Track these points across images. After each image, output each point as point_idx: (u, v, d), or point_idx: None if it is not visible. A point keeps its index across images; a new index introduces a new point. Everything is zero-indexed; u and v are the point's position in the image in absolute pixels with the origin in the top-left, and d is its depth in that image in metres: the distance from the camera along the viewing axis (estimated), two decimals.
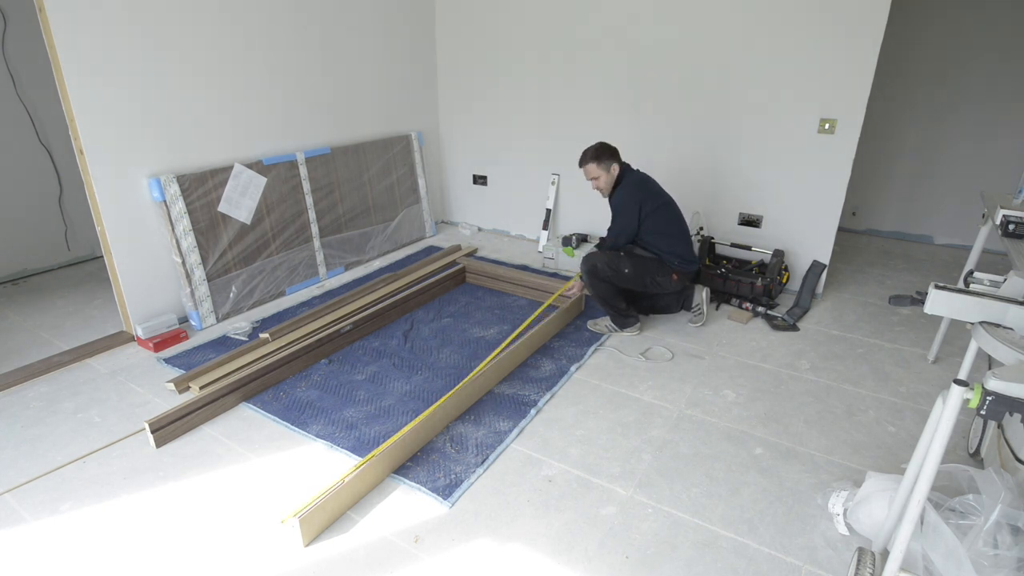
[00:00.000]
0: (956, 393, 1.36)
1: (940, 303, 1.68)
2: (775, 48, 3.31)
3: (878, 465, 2.18)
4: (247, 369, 2.63)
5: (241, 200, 3.30)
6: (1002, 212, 2.30)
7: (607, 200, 3.15)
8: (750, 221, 3.71)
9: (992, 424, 2.04)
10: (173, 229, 3.02)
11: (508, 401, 2.55)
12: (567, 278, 3.86)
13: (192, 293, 3.12)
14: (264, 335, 2.98)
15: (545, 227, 4.42)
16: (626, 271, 2.98)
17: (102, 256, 3.91)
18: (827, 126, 3.29)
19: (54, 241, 3.99)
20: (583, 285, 3.15)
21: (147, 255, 3.04)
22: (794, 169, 3.47)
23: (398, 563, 1.78)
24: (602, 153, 3.01)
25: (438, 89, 4.67)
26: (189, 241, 3.08)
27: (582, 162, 3.04)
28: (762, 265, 3.62)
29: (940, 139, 4.37)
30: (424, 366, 2.84)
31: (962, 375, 2.09)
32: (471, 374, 2.56)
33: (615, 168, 3.04)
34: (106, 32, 2.70)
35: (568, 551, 1.82)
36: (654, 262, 3.05)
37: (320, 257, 3.81)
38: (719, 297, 3.52)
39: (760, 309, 3.34)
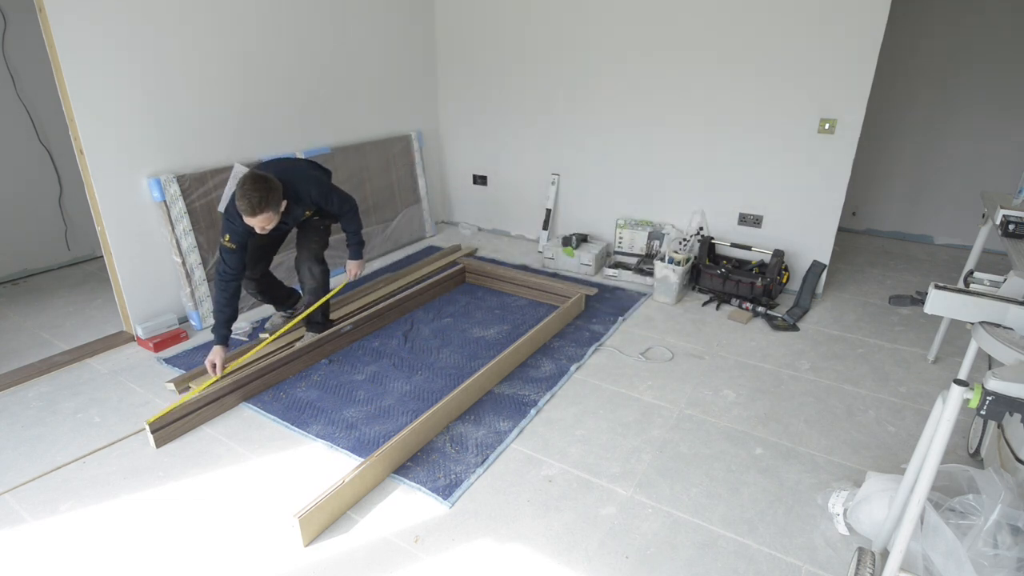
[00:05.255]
0: (956, 393, 1.36)
1: (940, 303, 1.68)
2: (775, 48, 3.31)
3: (878, 465, 2.18)
4: (247, 369, 2.63)
5: None
6: (1002, 212, 2.30)
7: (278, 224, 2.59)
8: (750, 221, 3.71)
9: (992, 424, 2.04)
10: (173, 229, 3.02)
11: (508, 401, 2.55)
12: (567, 278, 3.87)
13: (192, 293, 3.12)
14: (264, 335, 2.98)
15: (545, 227, 4.41)
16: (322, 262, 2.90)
17: (102, 256, 3.91)
18: (827, 126, 3.29)
19: (54, 241, 3.99)
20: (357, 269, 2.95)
21: (147, 255, 3.04)
22: (794, 169, 3.47)
23: (398, 563, 1.78)
24: (275, 194, 2.40)
25: (438, 89, 4.67)
26: (189, 241, 3.08)
27: (258, 207, 2.34)
28: (762, 265, 3.62)
29: (940, 139, 4.36)
30: (424, 366, 2.84)
31: (962, 375, 2.09)
32: (478, 371, 2.56)
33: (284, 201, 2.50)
34: (106, 32, 2.69)
35: (568, 551, 1.82)
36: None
37: None
38: (719, 297, 3.52)
39: (760, 309, 3.34)
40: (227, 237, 2.49)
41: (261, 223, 2.41)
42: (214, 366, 2.55)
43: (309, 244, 2.87)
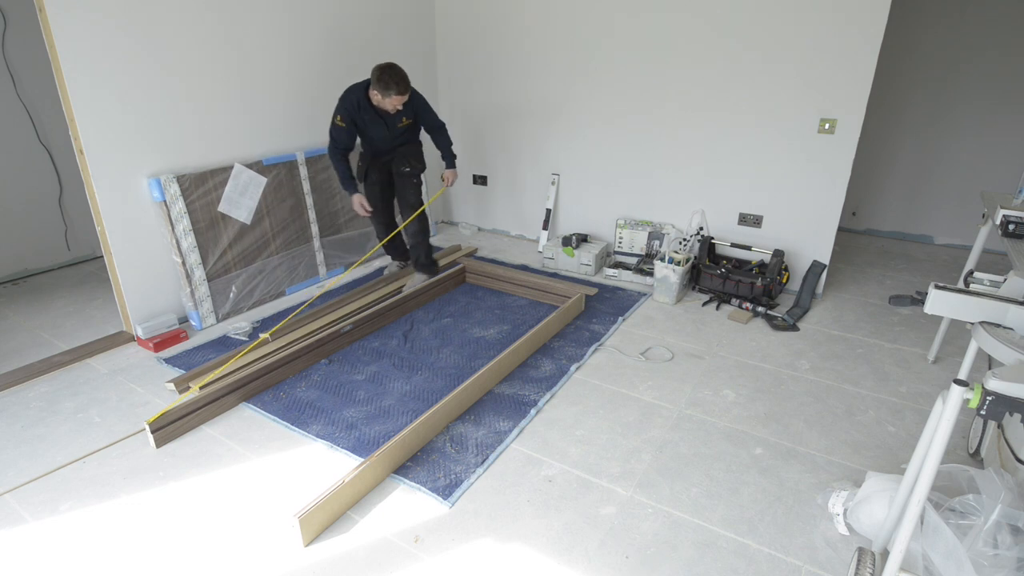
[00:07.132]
0: (956, 393, 1.36)
1: (940, 303, 1.68)
2: (775, 48, 3.31)
3: (878, 465, 2.18)
4: (247, 369, 2.63)
5: (241, 200, 3.29)
6: (1002, 212, 2.30)
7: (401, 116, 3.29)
8: (750, 221, 3.71)
9: (992, 424, 2.04)
10: (173, 229, 3.02)
11: (508, 401, 2.55)
12: (567, 278, 3.87)
13: (192, 293, 3.12)
14: (264, 335, 2.98)
15: (545, 227, 4.41)
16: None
17: (102, 256, 3.91)
18: (827, 126, 3.29)
19: (54, 241, 3.99)
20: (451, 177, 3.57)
21: (147, 255, 3.04)
22: (794, 169, 3.47)
23: (398, 563, 1.78)
24: (407, 79, 3.11)
25: (438, 88, 4.67)
26: (189, 241, 3.08)
27: (405, 89, 3.07)
28: (762, 265, 3.62)
29: (940, 139, 4.36)
30: (424, 366, 2.84)
31: (962, 375, 2.09)
32: (478, 371, 2.56)
33: None
34: (106, 32, 2.69)
35: (568, 551, 1.82)
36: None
37: (320, 257, 3.81)
38: (719, 297, 3.52)
39: (760, 309, 3.34)
40: (338, 117, 3.20)
41: (394, 101, 3.07)
42: (362, 205, 3.36)
43: (407, 199, 3.51)
